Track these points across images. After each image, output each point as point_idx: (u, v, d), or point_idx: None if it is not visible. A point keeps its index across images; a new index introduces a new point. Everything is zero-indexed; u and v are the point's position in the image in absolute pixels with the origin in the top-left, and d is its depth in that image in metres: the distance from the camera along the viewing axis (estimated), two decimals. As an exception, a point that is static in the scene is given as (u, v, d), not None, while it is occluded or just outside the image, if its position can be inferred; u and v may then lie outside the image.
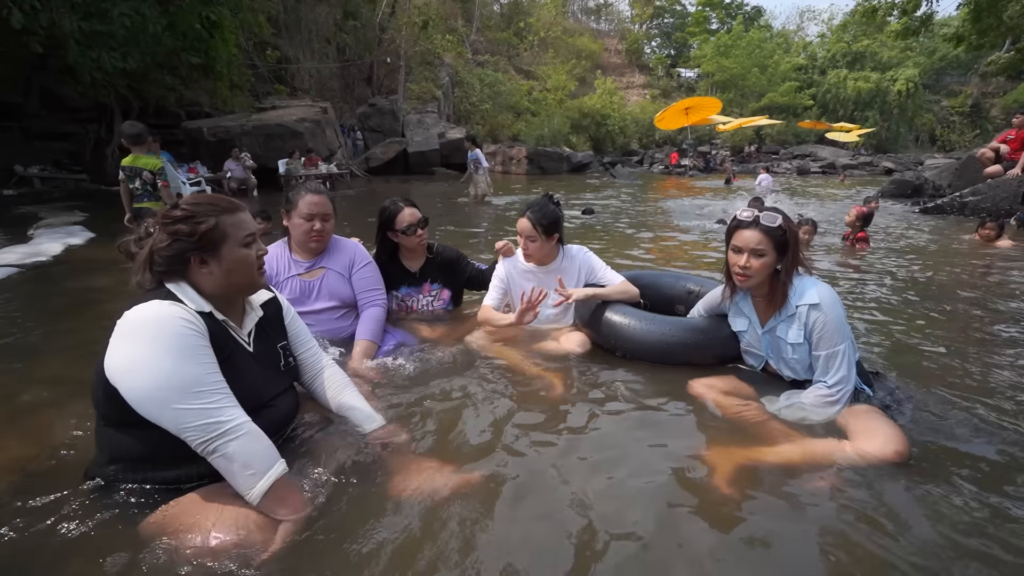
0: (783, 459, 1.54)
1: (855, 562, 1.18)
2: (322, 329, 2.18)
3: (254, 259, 1.32)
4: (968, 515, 1.33)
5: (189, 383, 1.13)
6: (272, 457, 1.21)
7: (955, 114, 33.61)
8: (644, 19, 40.51)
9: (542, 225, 2.29)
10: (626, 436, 1.70)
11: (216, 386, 1.17)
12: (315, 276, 2.19)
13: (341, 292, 2.22)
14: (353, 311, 2.28)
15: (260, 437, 1.21)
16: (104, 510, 1.24)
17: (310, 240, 2.13)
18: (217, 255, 1.27)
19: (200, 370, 1.16)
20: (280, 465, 1.21)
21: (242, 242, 1.30)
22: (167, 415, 1.13)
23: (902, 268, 4.35)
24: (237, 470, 1.17)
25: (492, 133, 23.31)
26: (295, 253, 2.21)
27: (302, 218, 2.10)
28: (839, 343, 1.68)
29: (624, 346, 2.20)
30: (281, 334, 1.52)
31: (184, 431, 1.13)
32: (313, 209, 2.10)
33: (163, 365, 1.12)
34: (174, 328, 1.15)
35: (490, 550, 1.21)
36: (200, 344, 1.18)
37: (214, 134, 11.95)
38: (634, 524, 1.30)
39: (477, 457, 1.57)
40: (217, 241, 1.26)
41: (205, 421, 1.13)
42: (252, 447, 1.18)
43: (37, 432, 1.73)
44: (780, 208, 1.80)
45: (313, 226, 2.11)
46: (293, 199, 2.12)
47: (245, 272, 1.31)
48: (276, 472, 1.19)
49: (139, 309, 1.16)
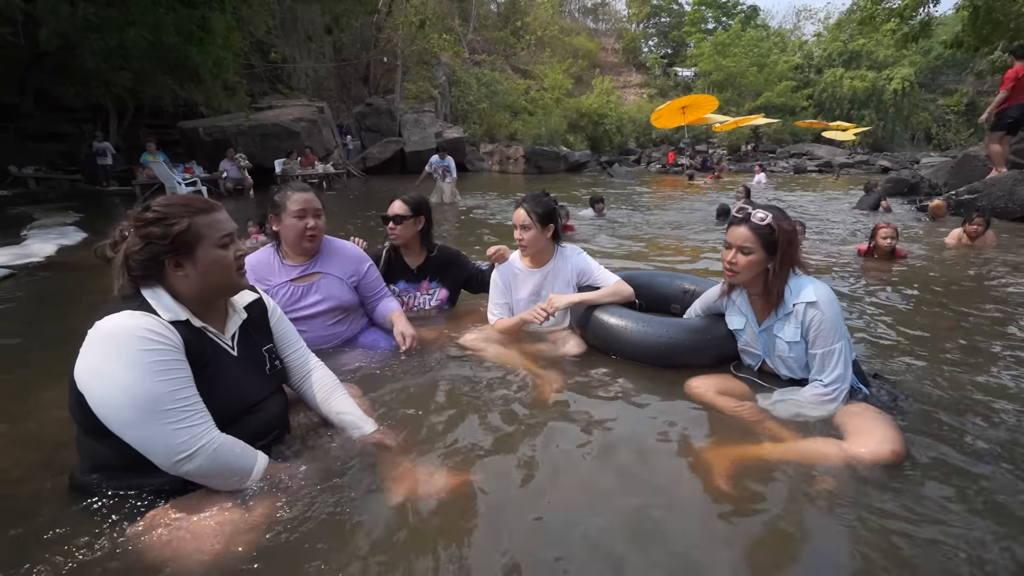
0: (780, 458, 1.53)
1: (851, 560, 1.18)
2: (315, 335, 2.10)
3: (231, 260, 1.28)
4: (964, 515, 1.32)
5: (152, 401, 1.10)
6: (248, 460, 1.23)
7: (951, 113, 33.72)
8: (641, 18, 40.53)
9: (536, 213, 2.27)
10: (623, 436, 1.68)
11: (182, 404, 1.13)
12: (309, 281, 2.12)
13: (338, 296, 2.16)
14: (348, 317, 2.23)
15: (231, 446, 1.20)
16: (89, 519, 1.21)
17: (304, 239, 2.05)
18: (192, 257, 1.23)
19: (164, 387, 1.12)
20: (259, 463, 1.25)
21: (218, 243, 1.26)
22: (130, 434, 1.11)
23: (898, 267, 4.35)
24: (218, 483, 1.19)
25: (489, 133, 23.29)
26: (287, 258, 2.13)
27: (294, 217, 2.02)
28: (835, 341, 1.67)
29: (621, 349, 2.18)
30: (266, 336, 1.49)
31: (148, 452, 1.12)
32: (304, 206, 2.02)
33: (127, 382, 1.09)
34: (141, 343, 1.11)
35: (485, 553, 1.20)
36: (168, 359, 1.14)
37: (210, 134, 11.90)
38: (631, 524, 1.29)
39: (472, 459, 1.55)
40: (191, 243, 1.22)
41: (168, 444, 1.11)
42: (225, 459, 1.17)
43: (23, 436, 1.71)
44: (776, 207, 1.79)
45: (307, 224, 2.03)
46: (280, 201, 2.04)
47: (222, 273, 1.28)
48: (258, 472, 1.24)
49: (109, 320, 1.13)
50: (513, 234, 2.37)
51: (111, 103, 11.20)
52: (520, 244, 2.34)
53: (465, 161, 18.94)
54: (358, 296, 2.25)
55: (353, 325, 2.24)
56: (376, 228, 5.73)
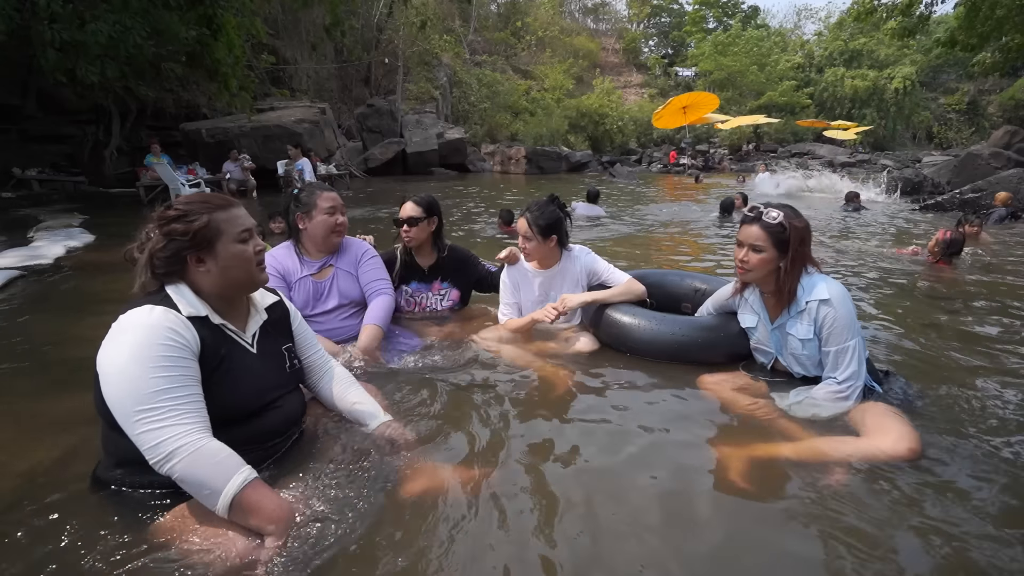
0: (796, 455, 1.53)
1: (867, 559, 1.18)
2: (330, 327, 2.21)
3: (251, 254, 1.31)
4: (981, 513, 1.32)
5: (147, 395, 1.10)
6: (228, 471, 1.12)
7: (952, 111, 33.64)
8: (641, 18, 40.52)
9: (538, 225, 2.28)
10: (637, 434, 1.69)
11: (173, 402, 1.12)
12: (326, 276, 2.23)
13: (351, 291, 2.26)
14: (362, 310, 2.28)
15: (211, 454, 1.12)
16: (113, 514, 1.23)
17: (334, 234, 2.20)
18: (213, 252, 1.26)
19: (159, 384, 1.11)
20: (238, 478, 1.12)
21: (237, 238, 1.28)
22: (126, 428, 1.12)
23: (896, 267, 4.36)
24: (194, 491, 1.12)
25: (490, 133, 23.29)
26: (306, 254, 2.24)
27: (325, 214, 2.16)
28: (849, 339, 1.68)
29: (633, 345, 2.20)
30: (287, 336, 1.52)
31: (140, 448, 1.12)
32: (333, 203, 2.18)
33: (130, 374, 1.11)
34: (150, 337, 1.13)
35: (499, 548, 1.21)
36: (172, 356, 1.15)
37: (213, 136, 11.91)
38: (647, 521, 1.30)
39: (485, 456, 1.56)
40: (211, 238, 1.25)
41: (151, 443, 1.10)
42: (201, 467, 1.10)
43: (43, 435, 1.73)
44: (787, 204, 1.80)
45: (337, 219, 2.18)
46: (309, 200, 2.16)
47: (243, 268, 1.30)
48: (234, 487, 1.10)
49: (130, 313, 1.17)
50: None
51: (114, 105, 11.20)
52: (525, 253, 2.37)
53: (467, 162, 18.94)
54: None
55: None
56: (378, 229, 5.74)
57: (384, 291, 2.28)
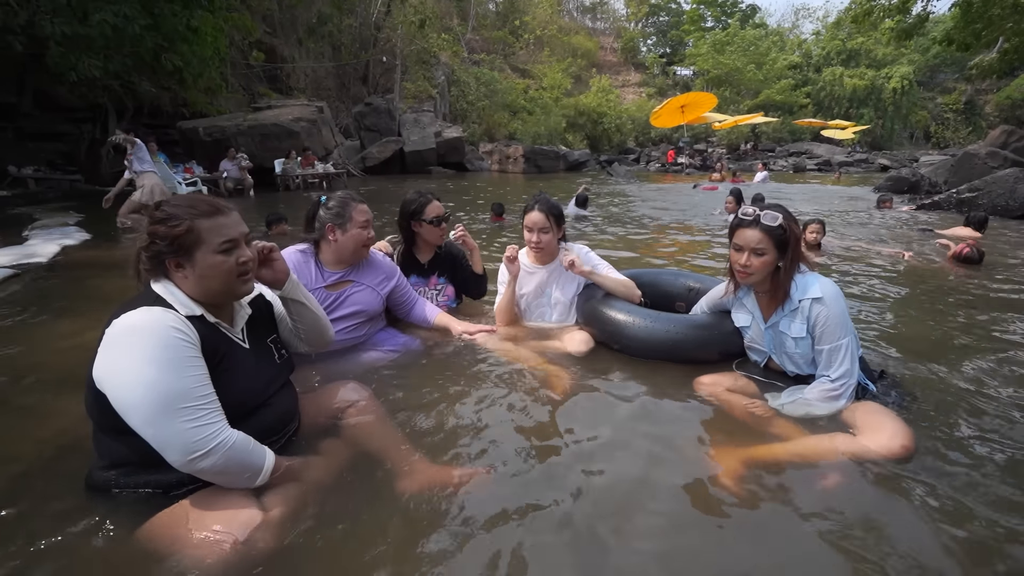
0: (790, 455, 1.54)
1: (862, 558, 1.19)
2: (336, 338, 2.10)
3: (232, 266, 1.26)
4: (974, 510, 1.33)
5: (173, 398, 1.11)
6: (259, 457, 1.23)
7: (949, 111, 33.74)
8: (639, 17, 40.56)
9: (554, 215, 2.34)
10: (631, 434, 1.69)
11: (201, 401, 1.14)
12: (340, 288, 2.15)
13: (368, 304, 2.19)
14: (370, 322, 2.25)
15: (246, 441, 1.21)
16: (106, 516, 1.23)
17: (364, 247, 2.16)
18: (191, 260, 1.23)
19: (185, 384, 1.13)
20: (268, 460, 1.25)
21: (218, 248, 1.24)
22: (148, 431, 1.12)
23: (896, 266, 4.37)
24: (231, 478, 1.19)
25: (488, 132, 23.29)
26: (328, 265, 2.16)
27: (359, 227, 2.10)
28: (842, 337, 1.68)
29: (628, 343, 2.20)
30: (271, 328, 1.53)
31: (164, 449, 1.12)
32: (367, 217, 2.15)
33: (147, 378, 1.10)
34: (161, 338, 1.13)
35: (494, 547, 1.21)
36: (188, 355, 1.15)
37: (210, 134, 11.87)
38: (641, 521, 1.30)
39: (481, 454, 1.57)
40: (190, 246, 1.22)
41: (185, 441, 1.11)
42: (242, 454, 1.19)
43: (37, 435, 1.72)
44: (780, 205, 1.80)
45: (369, 233, 2.16)
46: (346, 213, 2.08)
47: (220, 279, 1.25)
48: (268, 469, 1.24)
49: (128, 316, 1.14)
50: (524, 236, 2.39)
51: (110, 103, 11.15)
52: (536, 246, 2.38)
53: (465, 161, 18.93)
54: (385, 303, 2.29)
55: (372, 330, 2.27)
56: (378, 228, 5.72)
57: (421, 299, 2.46)
